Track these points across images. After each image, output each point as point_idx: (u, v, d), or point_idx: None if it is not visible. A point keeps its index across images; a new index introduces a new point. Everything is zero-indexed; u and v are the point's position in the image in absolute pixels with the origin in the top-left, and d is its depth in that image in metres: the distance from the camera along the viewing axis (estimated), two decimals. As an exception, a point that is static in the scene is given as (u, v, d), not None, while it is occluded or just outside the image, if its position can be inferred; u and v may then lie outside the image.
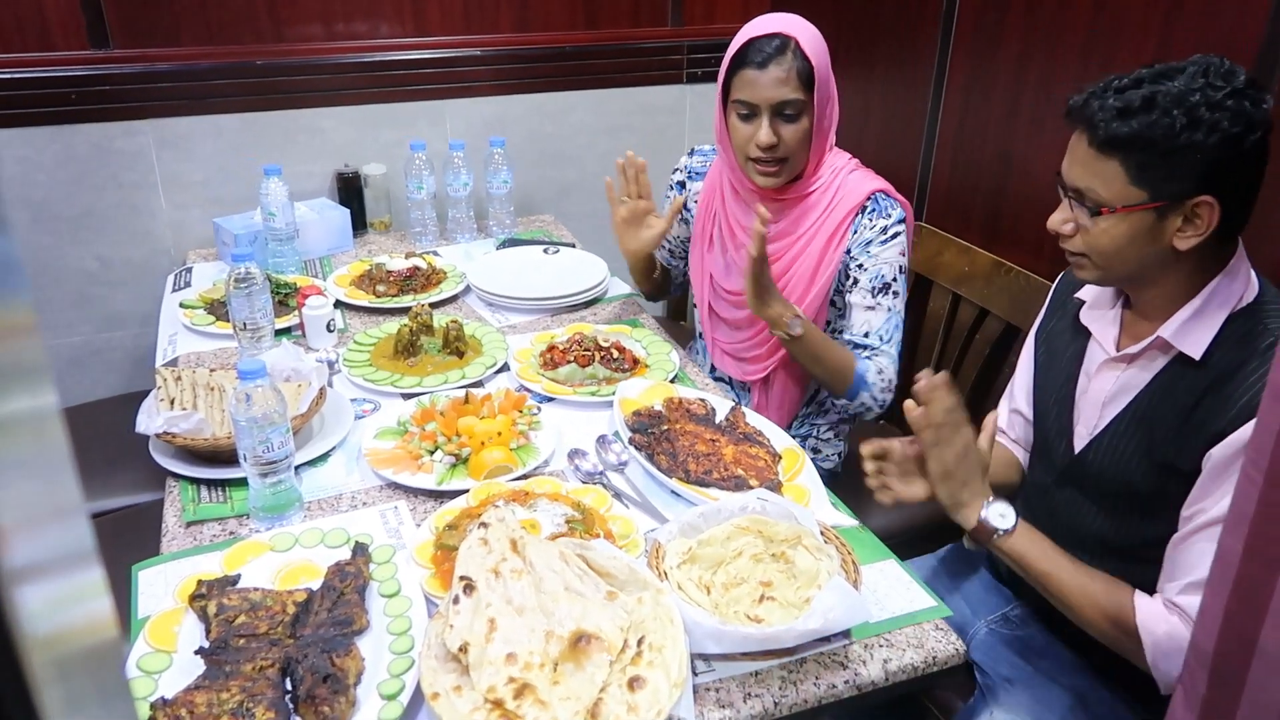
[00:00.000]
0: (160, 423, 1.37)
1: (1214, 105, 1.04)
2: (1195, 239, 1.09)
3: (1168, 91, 1.05)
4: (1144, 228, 1.11)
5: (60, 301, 2.32)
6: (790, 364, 1.77)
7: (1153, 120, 1.05)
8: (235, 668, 1.00)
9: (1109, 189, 1.11)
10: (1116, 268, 1.16)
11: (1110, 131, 1.08)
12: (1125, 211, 1.11)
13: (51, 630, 0.28)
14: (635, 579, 1.08)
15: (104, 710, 0.34)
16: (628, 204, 1.78)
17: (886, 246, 1.64)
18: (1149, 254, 1.13)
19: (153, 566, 1.22)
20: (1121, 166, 1.09)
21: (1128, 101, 1.07)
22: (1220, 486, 1.08)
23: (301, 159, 2.40)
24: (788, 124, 1.59)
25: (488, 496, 1.31)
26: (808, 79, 1.56)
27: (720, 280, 1.82)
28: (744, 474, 1.38)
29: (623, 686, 0.96)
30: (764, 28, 1.58)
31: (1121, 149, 1.08)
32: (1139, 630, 1.13)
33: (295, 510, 1.30)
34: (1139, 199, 1.10)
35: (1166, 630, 1.11)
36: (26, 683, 0.25)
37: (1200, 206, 1.07)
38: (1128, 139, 1.07)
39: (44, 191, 2.21)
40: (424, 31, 2.43)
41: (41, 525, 0.29)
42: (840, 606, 1.02)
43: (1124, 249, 1.13)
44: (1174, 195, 1.08)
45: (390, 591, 1.14)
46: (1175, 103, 1.05)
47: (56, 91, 2.15)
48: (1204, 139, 1.04)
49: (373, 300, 1.98)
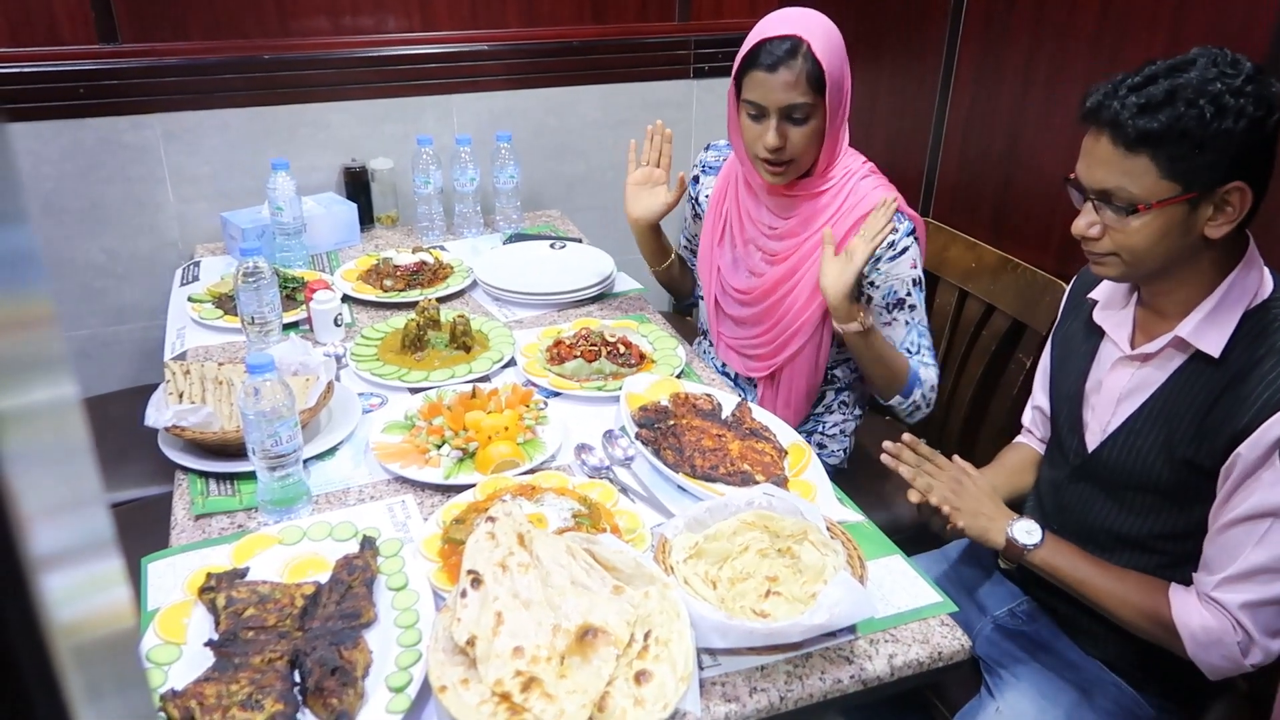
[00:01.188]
0: (169, 416, 1.38)
1: (1236, 92, 1.04)
2: (1227, 226, 1.10)
3: (1187, 84, 1.06)
4: (1177, 220, 1.11)
5: (68, 294, 2.33)
6: (798, 363, 1.76)
7: (1180, 113, 1.05)
8: (244, 660, 1.01)
9: (1140, 185, 1.10)
10: (1147, 264, 1.16)
11: (1139, 128, 1.07)
12: (1160, 207, 1.10)
13: (72, 618, 0.29)
14: (642, 573, 1.08)
15: (121, 699, 0.34)
16: (644, 168, 1.82)
17: (896, 262, 1.63)
18: (1180, 246, 1.13)
19: (162, 559, 1.22)
20: (1152, 162, 1.09)
21: (1150, 97, 1.07)
22: (1256, 482, 1.09)
23: (308, 153, 2.41)
24: (796, 126, 1.57)
25: (495, 491, 1.31)
26: (818, 82, 1.53)
27: (728, 276, 1.81)
28: (750, 469, 1.38)
29: (629, 680, 0.96)
30: (777, 28, 1.54)
31: (1151, 144, 1.08)
32: (1176, 625, 1.16)
33: (303, 504, 1.31)
34: (1172, 192, 1.09)
35: (1202, 624, 1.14)
36: (52, 668, 0.25)
37: (1231, 193, 1.08)
38: (1159, 134, 1.07)
39: (52, 184, 2.22)
40: (431, 26, 2.43)
41: (62, 514, 0.29)
42: (846, 602, 1.03)
43: (1156, 244, 1.13)
44: (1206, 185, 1.08)
45: (398, 585, 1.14)
46: (1198, 93, 1.05)
47: (65, 85, 2.15)
48: (1234, 125, 1.04)
49: (380, 295, 1.98)
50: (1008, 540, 1.26)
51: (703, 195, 1.90)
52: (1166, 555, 1.24)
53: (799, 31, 1.52)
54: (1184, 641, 1.15)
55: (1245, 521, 1.10)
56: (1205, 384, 1.15)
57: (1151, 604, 1.19)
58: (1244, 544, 1.11)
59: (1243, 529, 1.11)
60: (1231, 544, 1.12)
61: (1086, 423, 1.31)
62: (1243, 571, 1.11)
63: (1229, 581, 1.12)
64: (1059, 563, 1.25)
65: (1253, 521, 1.10)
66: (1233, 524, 1.12)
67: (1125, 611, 1.21)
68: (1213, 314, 1.14)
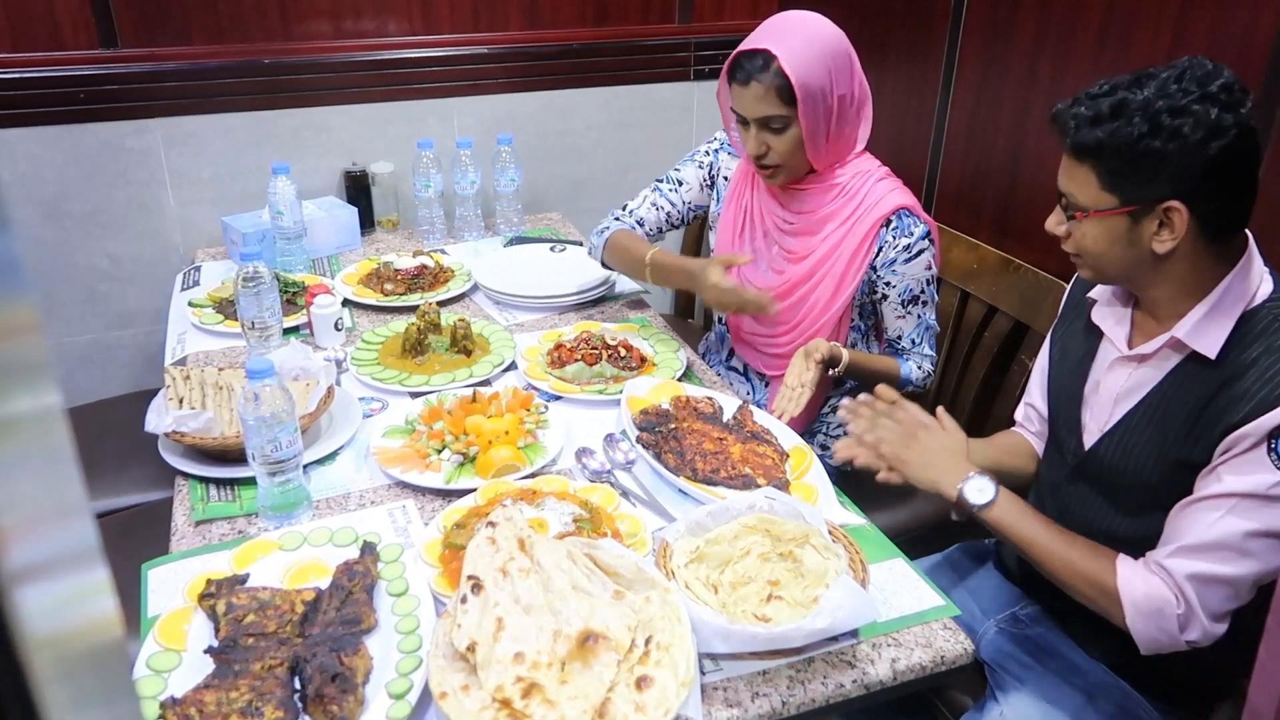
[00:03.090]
0: (169, 422, 1.38)
1: (1176, 111, 1.05)
2: (1171, 243, 1.11)
3: (1135, 99, 1.07)
4: (1120, 231, 1.13)
5: (71, 299, 2.33)
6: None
7: (1116, 127, 1.08)
8: (244, 666, 1.01)
9: (1084, 194, 1.14)
10: (1106, 268, 1.19)
11: (1078, 138, 1.12)
12: (1098, 216, 1.14)
13: (55, 630, 0.28)
14: (643, 578, 1.08)
15: (108, 710, 0.34)
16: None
17: (912, 264, 1.67)
18: (1130, 256, 1.15)
19: (162, 565, 1.22)
20: (1093, 172, 1.12)
21: (1098, 109, 1.10)
22: (1230, 464, 1.09)
23: (309, 157, 2.41)
24: (775, 135, 1.61)
25: (495, 495, 1.31)
26: (788, 95, 1.56)
27: (749, 274, 1.80)
28: (751, 472, 1.37)
29: (630, 686, 0.95)
30: (751, 43, 1.58)
31: (1091, 155, 1.11)
32: (1118, 592, 1.15)
33: (304, 509, 1.30)
34: (1110, 204, 1.12)
35: (1145, 591, 1.13)
36: (26, 683, 0.25)
37: (1170, 211, 1.09)
38: (1095, 146, 1.10)
39: (53, 189, 2.22)
40: (432, 29, 2.43)
41: (44, 525, 0.29)
42: (848, 606, 1.02)
43: (1106, 251, 1.16)
44: (1143, 200, 1.10)
45: (398, 590, 1.14)
46: (1140, 109, 1.07)
47: (66, 91, 2.15)
48: (1163, 145, 1.05)
49: (380, 299, 1.98)
50: (959, 496, 1.25)
51: (721, 175, 1.87)
52: None
53: (769, 45, 1.56)
54: (1125, 610, 1.13)
55: (1214, 499, 1.09)
56: (1200, 384, 1.14)
57: (1096, 569, 1.17)
58: (1207, 518, 1.10)
59: (1209, 504, 1.10)
60: (1194, 517, 1.11)
61: (1084, 423, 1.30)
62: (1198, 544, 1.10)
63: (1182, 551, 1.11)
64: (1007, 521, 1.23)
65: (1218, 499, 1.09)
66: (1202, 500, 1.11)
67: (1069, 575, 1.19)
68: (1210, 315, 1.14)
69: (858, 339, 1.81)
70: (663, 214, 1.88)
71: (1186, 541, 1.11)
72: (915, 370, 1.75)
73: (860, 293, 1.72)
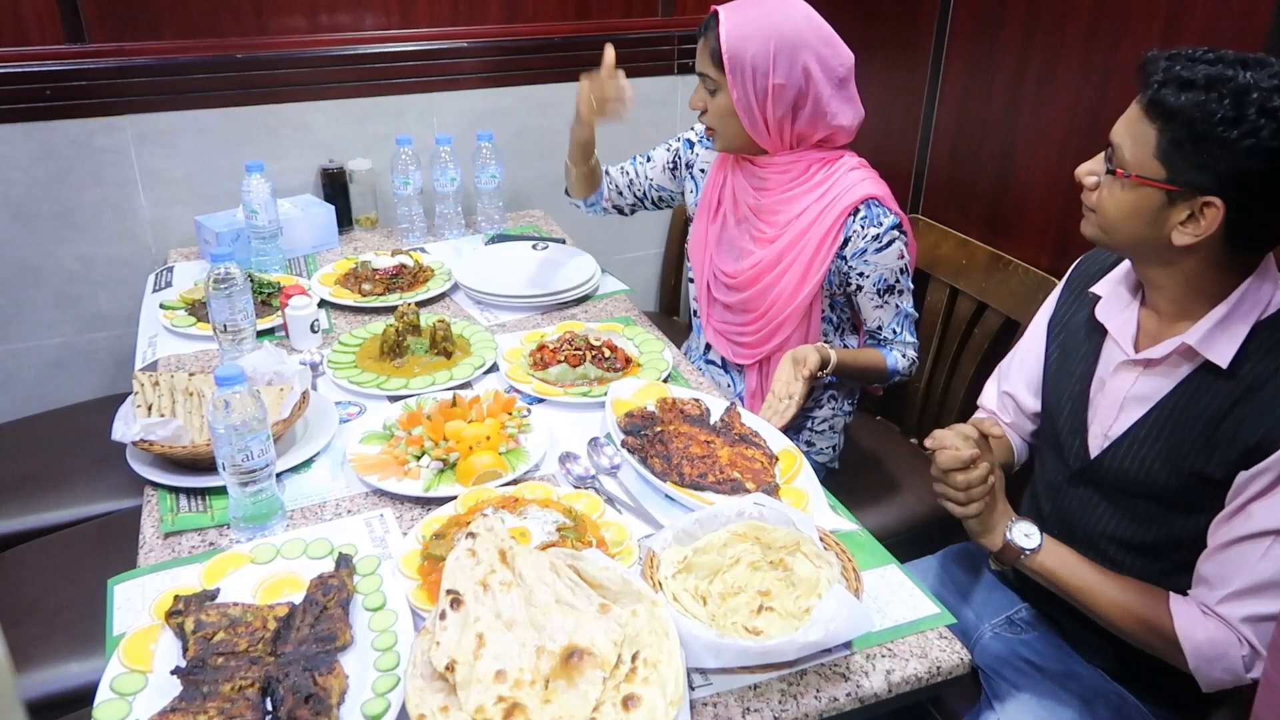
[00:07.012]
0: (137, 430, 1.33)
1: (1267, 111, 0.98)
2: (1192, 239, 1.07)
3: (1233, 78, 1.00)
4: (1149, 207, 1.08)
5: (41, 301, 2.27)
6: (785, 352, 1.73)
7: (1202, 101, 1.01)
8: (213, 688, 0.96)
9: (1134, 152, 1.08)
10: (1115, 235, 1.14)
11: (1158, 95, 1.04)
12: (1137, 181, 1.08)
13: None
14: (629, 590, 1.04)
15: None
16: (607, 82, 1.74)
17: (883, 254, 1.65)
18: (1146, 235, 1.10)
19: (129, 580, 1.17)
20: (1157, 135, 1.05)
21: (1193, 74, 1.02)
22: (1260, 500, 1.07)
23: (285, 154, 2.35)
24: (709, 96, 1.67)
25: (476, 503, 1.27)
26: (719, 60, 1.60)
27: (717, 259, 1.81)
28: (740, 477, 1.34)
29: (617, 705, 0.92)
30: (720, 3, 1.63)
31: (1162, 117, 1.04)
32: (1178, 638, 1.12)
33: (277, 519, 1.26)
34: (1155, 173, 1.07)
35: (1206, 637, 1.11)
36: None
37: (1208, 207, 1.04)
38: (1169, 111, 1.03)
39: (21, 189, 2.15)
40: (411, 23, 2.38)
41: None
42: (841, 616, 0.99)
43: (1125, 219, 1.11)
44: (1188, 184, 1.04)
45: (375, 605, 1.10)
46: (1232, 92, 0.99)
47: (31, 87, 2.09)
48: (1236, 138, 0.99)
49: (358, 299, 1.93)
50: (1005, 543, 1.22)
51: (698, 168, 1.89)
52: (1170, 562, 1.21)
53: (723, 10, 1.61)
54: (1186, 655, 1.12)
55: (1252, 539, 1.08)
56: (1215, 395, 1.11)
57: (1153, 615, 1.15)
58: (1249, 559, 1.08)
59: (1249, 545, 1.08)
60: (1236, 560, 1.09)
61: (1090, 426, 1.27)
62: (1248, 587, 1.08)
63: (1233, 597, 1.09)
64: (1057, 568, 1.21)
65: (1260, 538, 1.07)
66: (1239, 540, 1.09)
67: (1125, 621, 1.18)
68: (1223, 323, 1.10)
69: (829, 330, 1.79)
70: (626, 178, 2.01)
71: (1236, 586, 1.09)
72: (900, 359, 1.74)
73: (830, 284, 1.70)
